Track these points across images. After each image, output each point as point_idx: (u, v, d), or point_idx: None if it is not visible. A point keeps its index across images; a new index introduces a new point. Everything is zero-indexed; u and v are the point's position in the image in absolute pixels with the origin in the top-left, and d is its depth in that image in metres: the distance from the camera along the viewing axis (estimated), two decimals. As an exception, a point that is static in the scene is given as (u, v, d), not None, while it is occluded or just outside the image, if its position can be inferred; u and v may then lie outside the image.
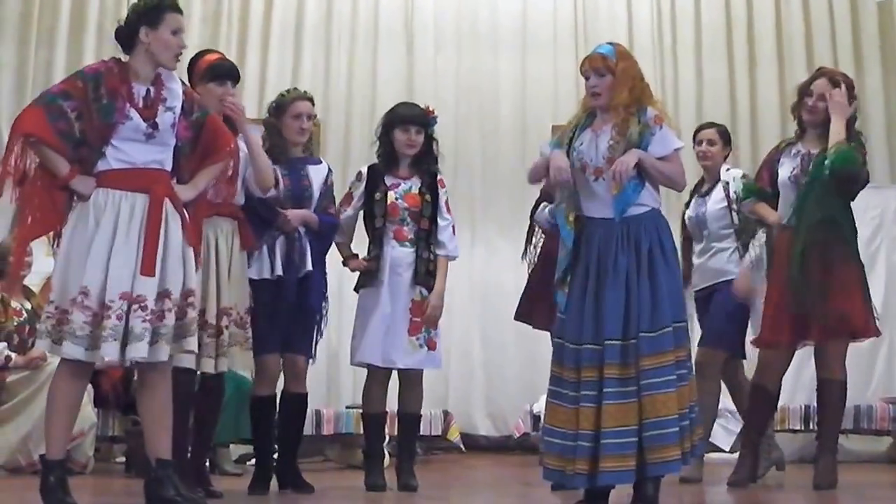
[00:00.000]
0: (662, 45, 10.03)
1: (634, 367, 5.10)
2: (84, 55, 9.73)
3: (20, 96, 9.69)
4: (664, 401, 5.08)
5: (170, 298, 5.09)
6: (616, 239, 5.21)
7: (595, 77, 5.32)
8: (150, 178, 5.17)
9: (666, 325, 5.14)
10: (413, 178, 6.50)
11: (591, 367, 5.14)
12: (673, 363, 5.13)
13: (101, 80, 5.14)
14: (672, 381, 5.10)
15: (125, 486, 7.04)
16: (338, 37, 9.99)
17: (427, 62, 9.94)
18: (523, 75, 9.67)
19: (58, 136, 5.09)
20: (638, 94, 5.30)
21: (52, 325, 5.07)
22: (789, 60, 10.03)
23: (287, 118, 6.35)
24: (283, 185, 6.24)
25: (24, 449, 7.50)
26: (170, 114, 5.24)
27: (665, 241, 5.26)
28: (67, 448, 5.39)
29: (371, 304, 6.38)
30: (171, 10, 5.26)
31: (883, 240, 9.18)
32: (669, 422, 5.08)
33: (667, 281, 5.19)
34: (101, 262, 5.04)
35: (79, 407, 5.34)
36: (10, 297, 7.81)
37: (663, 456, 5.09)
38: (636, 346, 5.12)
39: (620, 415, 5.07)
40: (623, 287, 5.16)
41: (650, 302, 5.15)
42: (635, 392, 5.09)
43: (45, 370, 7.55)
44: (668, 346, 5.13)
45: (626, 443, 5.07)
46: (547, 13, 10.08)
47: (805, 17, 10.06)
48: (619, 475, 5.11)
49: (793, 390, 8.77)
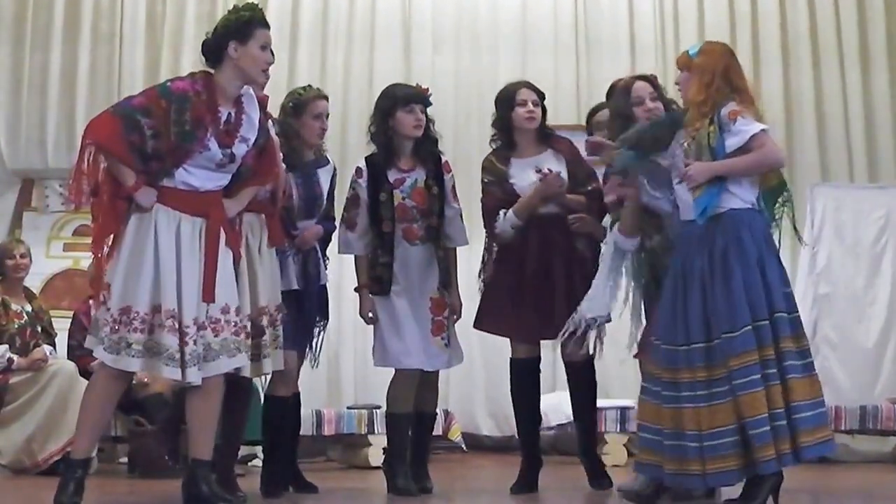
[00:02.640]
0: (665, 45, 9.97)
1: (724, 367, 5.08)
2: (79, 57, 9.68)
3: (15, 98, 9.65)
4: (750, 401, 5.02)
5: (230, 314, 5.21)
6: (693, 241, 5.23)
7: (679, 76, 5.37)
8: (208, 203, 5.24)
9: (746, 325, 5.08)
10: (416, 168, 6.20)
11: (688, 369, 5.15)
12: (758, 362, 5.06)
13: (187, 105, 5.14)
14: (757, 380, 5.04)
15: (129, 486, 7.04)
16: (334, 36, 9.92)
17: (425, 61, 9.85)
18: (523, 75, 9.55)
19: (129, 150, 5.12)
20: (713, 92, 5.20)
21: (107, 333, 5.09)
22: (794, 61, 10.00)
23: (307, 118, 6.14)
24: (297, 194, 6.09)
25: (28, 449, 7.49)
26: (244, 146, 5.29)
27: (744, 238, 5.17)
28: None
29: (391, 310, 6.14)
30: (260, 26, 5.29)
31: (889, 240, 9.13)
32: (758, 422, 5.02)
33: (745, 279, 5.11)
34: (175, 284, 5.10)
35: (112, 410, 5.41)
36: (10, 300, 7.78)
37: (764, 455, 5.04)
38: (720, 346, 5.10)
39: (713, 416, 5.07)
40: (700, 290, 5.17)
41: (725, 303, 5.11)
42: (728, 392, 5.06)
43: (48, 371, 7.58)
44: (751, 345, 5.06)
45: (720, 444, 5.07)
46: (547, 11, 10.01)
47: (811, 17, 10.02)
48: (720, 476, 5.15)
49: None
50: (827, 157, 9.93)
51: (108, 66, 9.68)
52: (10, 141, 9.57)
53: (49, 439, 7.43)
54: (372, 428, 8.18)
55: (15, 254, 7.88)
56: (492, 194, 6.28)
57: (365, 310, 6.22)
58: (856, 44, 10.01)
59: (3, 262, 7.91)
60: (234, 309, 5.25)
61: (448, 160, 6.39)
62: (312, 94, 6.22)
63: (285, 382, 6.08)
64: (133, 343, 5.04)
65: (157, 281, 5.09)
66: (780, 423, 5.05)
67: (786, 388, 5.09)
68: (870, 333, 8.97)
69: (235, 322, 5.25)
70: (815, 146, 9.92)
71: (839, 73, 9.98)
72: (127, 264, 5.12)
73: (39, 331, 7.83)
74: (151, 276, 5.09)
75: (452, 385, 9.06)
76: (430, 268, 6.19)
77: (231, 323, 5.23)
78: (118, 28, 9.75)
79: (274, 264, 5.76)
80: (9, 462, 7.52)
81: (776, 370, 5.08)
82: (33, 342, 7.73)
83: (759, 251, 5.20)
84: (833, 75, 9.98)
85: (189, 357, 5.09)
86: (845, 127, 9.94)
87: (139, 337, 5.05)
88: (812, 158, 9.89)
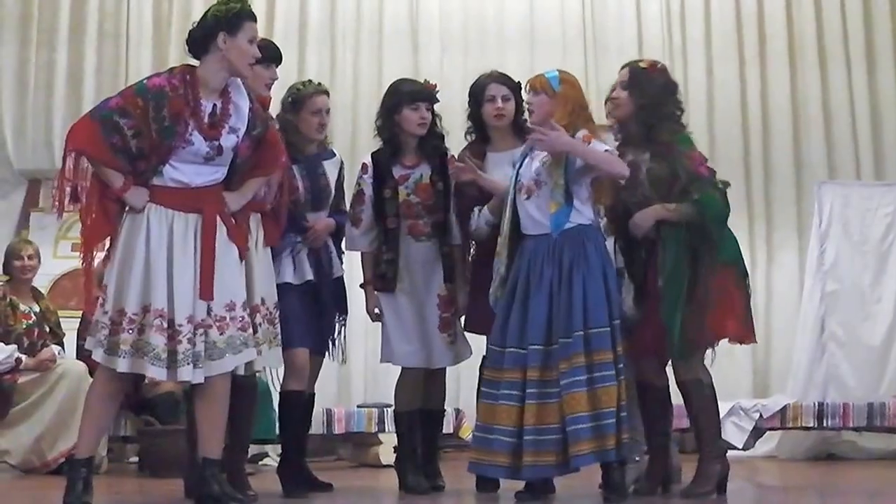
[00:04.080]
0: (672, 44, 9.97)
1: (556, 371, 5.44)
2: (85, 56, 9.70)
3: (21, 97, 9.66)
4: (578, 399, 5.39)
5: (235, 310, 5.19)
6: (544, 253, 5.58)
7: (531, 95, 5.79)
8: (202, 198, 5.21)
9: (577, 330, 5.45)
10: (421, 164, 6.15)
11: (514, 370, 5.52)
12: (584, 365, 5.43)
13: (164, 101, 5.11)
14: (582, 381, 5.41)
15: (138, 485, 7.05)
16: (342, 36, 9.92)
17: (433, 62, 9.85)
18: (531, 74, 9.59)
19: (111, 152, 5.11)
20: (574, 118, 5.65)
21: (106, 335, 5.09)
22: (801, 59, 9.99)
23: (305, 114, 6.12)
24: (303, 187, 6.07)
25: (37, 449, 7.52)
26: (233, 136, 5.25)
27: (590, 253, 5.56)
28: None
29: (396, 307, 6.13)
30: (249, 19, 5.26)
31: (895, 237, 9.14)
32: (581, 418, 5.39)
33: (589, 289, 5.50)
34: (165, 283, 5.08)
35: (116, 410, 5.42)
36: (18, 300, 7.79)
37: (579, 449, 5.39)
38: (556, 351, 5.46)
39: (542, 414, 5.43)
40: (547, 296, 5.53)
41: (568, 309, 5.49)
42: (556, 393, 5.43)
43: (56, 371, 7.60)
44: (579, 348, 5.43)
45: (545, 440, 5.43)
46: (554, 12, 10.02)
47: (816, 16, 10.01)
48: (538, 469, 5.49)
49: (805, 388, 8.79)
50: (833, 154, 9.94)
51: (114, 66, 9.70)
52: (17, 141, 9.59)
53: (58, 439, 7.45)
54: (382, 426, 8.19)
55: (23, 255, 7.89)
56: (465, 194, 6.18)
57: (370, 306, 6.21)
58: (862, 42, 10.01)
59: (10, 262, 7.92)
60: (240, 304, 5.22)
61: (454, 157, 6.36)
62: (311, 90, 6.19)
63: (297, 378, 6.05)
64: (122, 343, 5.04)
65: (147, 281, 5.08)
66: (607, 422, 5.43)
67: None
68: (876, 331, 8.96)
69: (242, 317, 5.22)
70: (822, 144, 9.93)
71: (845, 71, 9.98)
72: (120, 265, 5.12)
73: (47, 331, 7.84)
74: (141, 275, 5.08)
75: (464, 383, 9.04)
76: (436, 264, 6.16)
77: (237, 319, 5.20)
78: (124, 27, 9.78)
79: (268, 261, 5.68)
80: (18, 462, 7.54)
81: (609, 372, 5.46)
82: (41, 342, 7.75)
83: (603, 263, 5.59)
84: (839, 73, 9.98)
85: (182, 356, 5.06)
86: (852, 125, 9.95)
87: (128, 337, 5.04)
88: (819, 156, 9.91)
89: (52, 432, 7.47)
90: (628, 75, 5.96)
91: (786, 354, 9.42)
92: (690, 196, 5.71)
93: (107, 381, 5.18)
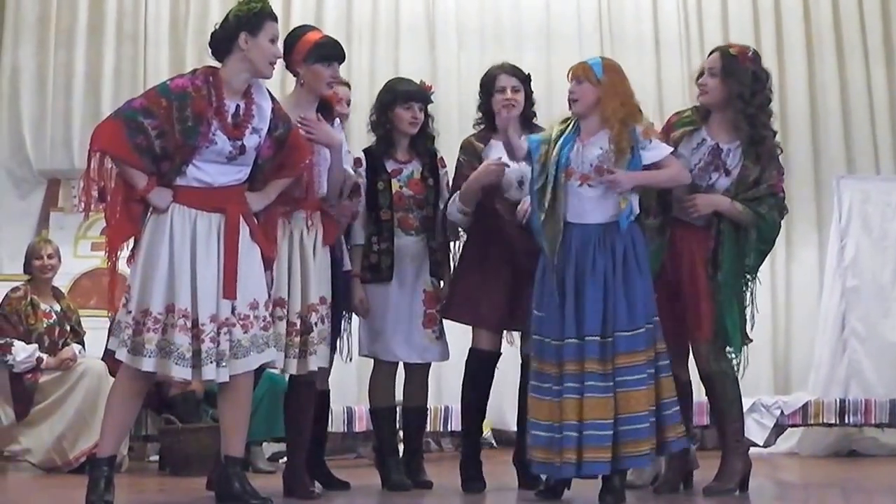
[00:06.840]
0: (689, 39, 9.96)
1: (612, 364, 5.38)
2: (103, 57, 9.73)
3: (40, 98, 9.69)
4: (637, 397, 5.35)
5: (259, 309, 5.23)
6: (593, 243, 5.49)
7: (574, 83, 5.65)
8: (225, 198, 5.23)
9: (640, 326, 5.41)
10: (413, 161, 6.29)
11: (574, 362, 5.40)
12: (645, 361, 5.39)
13: (187, 101, 5.15)
14: (644, 378, 5.37)
15: (159, 484, 7.06)
16: (358, 34, 9.93)
17: (450, 59, 9.88)
18: (548, 71, 9.60)
19: (135, 152, 5.14)
20: (626, 111, 5.55)
21: (130, 335, 5.12)
22: (818, 53, 9.97)
23: None
24: None
25: (58, 448, 7.54)
26: (256, 136, 5.28)
27: (638, 246, 5.51)
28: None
29: (383, 298, 6.17)
30: (270, 19, 5.31)
31: (904, 233, 9.13)
32: (640, 418, 5.35)
33: (641, 283, 5.46)
34: (189, 282, 5.11)
35: (138, 409, 5.44)
36: (39, 300, 7.81)
37: (636, 450, 5.35)
38: (613, 343, 5.39)
39: (600, 408, 5.35)
40: (601, 287, 5.44)
41: (626, 302, 5.42)
42: (612, 388, 5.37)
43: (77, 370, 7.63)
44: (642, 345, 5.40)
45: (603, 435, 5.34)
46: (571, 8, 10.01)
47: (834, 9, 9.99)
48: (597, 466, 5.38)
49: (826, 384, 8.76)
50: (852, 149, 9.92)
51: (132, 66, 9.73)
52: (36, 142, 9.62)
53: (80, 438, 7.48)
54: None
55: (43, 254, 7.91)
56: (461, 179, 6.18)
57: (356, 298, 6.19)
58: (880, 36, 9.99)
59: (31, 262, 7.94)
60: (262, 304, 5.26)
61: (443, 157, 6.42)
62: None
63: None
64: (146, 343, 5.06)
65: (171, 280, 5.11)
66: (655, 419, 5.43)
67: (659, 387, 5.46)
68: (897, 327, 8.95)
69: (264, 317, 5.26)
70: (841, 138, 9.91)
71: (863, 65, 9.96)
72: (144, 266, 5.15)
73: (68, 330, 7.87)
74: (165, 275, 5.11)
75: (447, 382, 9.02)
76: (424, 259, 6.24)
77: (260, 318, 5.24)
78: (142, 28, 9.79)
79: (327, 262, 5.71)
80: (40, 461, 7.56)
81: (663, 367, 5.48)
82: (62, 341, 7.77)
83: (647, 260, 5.56)
84: (857, 67, 9.96)
85: (206, 355, 5.09)
86: (870, 119, 9.92)
87: (153, 336, 5.07)
88: (837, 151, 9.89)
89: (74, 431, 7.50)
90: (719, 62, 5.91)
91: (807, 351, 9.39)
92: (759, 207, 5.77)
93: (129, 381, 5.21)
